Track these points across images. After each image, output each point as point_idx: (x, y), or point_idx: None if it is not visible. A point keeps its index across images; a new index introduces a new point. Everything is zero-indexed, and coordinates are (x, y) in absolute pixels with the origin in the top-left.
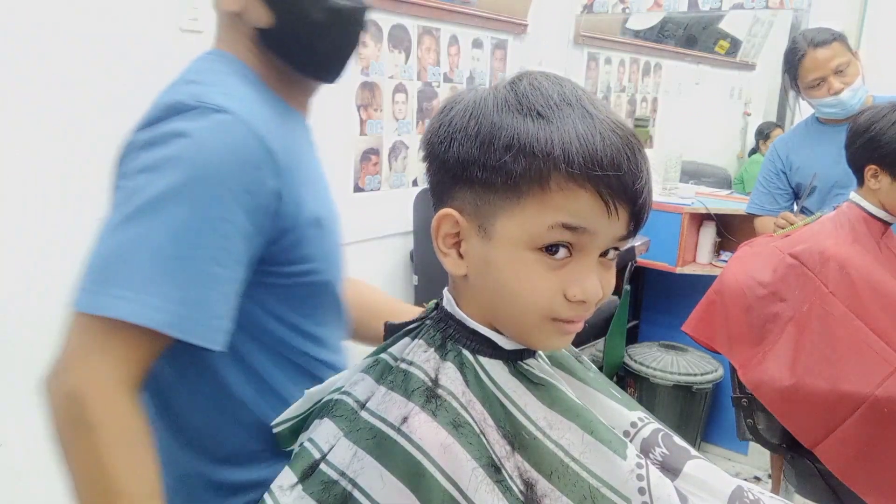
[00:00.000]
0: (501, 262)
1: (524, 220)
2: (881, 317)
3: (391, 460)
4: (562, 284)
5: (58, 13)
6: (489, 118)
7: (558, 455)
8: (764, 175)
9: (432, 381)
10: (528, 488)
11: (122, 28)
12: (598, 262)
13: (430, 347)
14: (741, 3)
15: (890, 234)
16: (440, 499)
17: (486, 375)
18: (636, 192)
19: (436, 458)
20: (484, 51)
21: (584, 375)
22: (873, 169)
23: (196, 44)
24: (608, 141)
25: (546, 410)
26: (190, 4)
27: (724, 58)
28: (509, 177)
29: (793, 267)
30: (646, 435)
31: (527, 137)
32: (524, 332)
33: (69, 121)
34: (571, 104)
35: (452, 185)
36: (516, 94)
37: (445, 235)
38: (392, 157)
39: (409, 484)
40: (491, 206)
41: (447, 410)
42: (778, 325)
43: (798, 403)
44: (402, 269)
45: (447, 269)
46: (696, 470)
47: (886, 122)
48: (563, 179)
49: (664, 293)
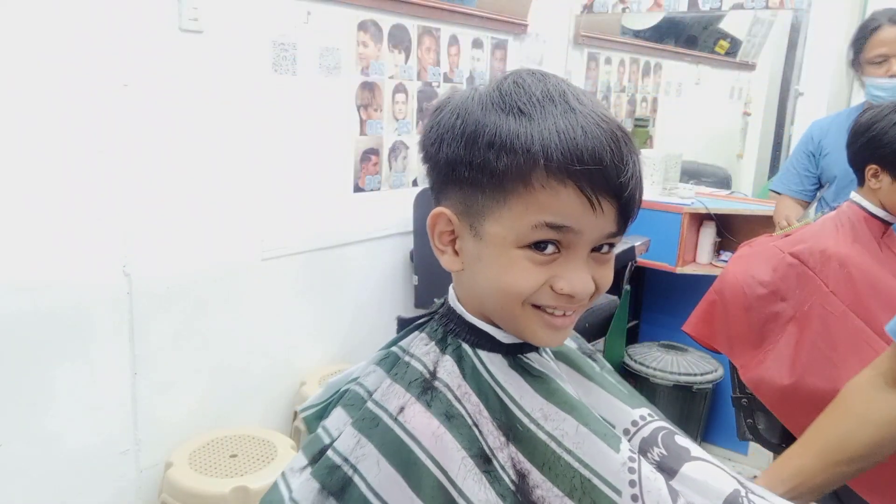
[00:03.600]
0: (490, 259)
1: (511, 221)
2: (882, 316)
3: (387, 448)
4: (549, 278)
5: (58, 13)
6: (473, 117)
7: (551, 446)
8: (795, 155)
9: (430, 373)
10: (521, 478)
11: (123, 28)
12: (590, 258)
13: (431, 341)
14: (741, 3)
15: (890, 233)
16: (430, 485)
17: (483, 368)
18: (620, 186)
19: (427, 446)
20: (484, 51)
21: (589, 371)
22: (874, 169)
23: (196, 44)
24: (590, 135)
25: (542, 402)
26: (190, 4)
27: (724, 58)
28: (493, 175)
29: (793, 266)
30: (646, 434)
31: (507, 134)
32: (512, 323)
33: (69, 121)
34: (554, 100)
35: (445, 185)
36: (500, 93)
37: (441, 233)
38: (392, 157)
39: (401, 471)
40: (479, 207)
41: (441, 402)
42: (778, 324)
43: (798, 403)
44: (402, 269)
45: (444, 266)
46: (693, 471)
47: (887, 122)
48: (544, 176)
49: (664, 293)
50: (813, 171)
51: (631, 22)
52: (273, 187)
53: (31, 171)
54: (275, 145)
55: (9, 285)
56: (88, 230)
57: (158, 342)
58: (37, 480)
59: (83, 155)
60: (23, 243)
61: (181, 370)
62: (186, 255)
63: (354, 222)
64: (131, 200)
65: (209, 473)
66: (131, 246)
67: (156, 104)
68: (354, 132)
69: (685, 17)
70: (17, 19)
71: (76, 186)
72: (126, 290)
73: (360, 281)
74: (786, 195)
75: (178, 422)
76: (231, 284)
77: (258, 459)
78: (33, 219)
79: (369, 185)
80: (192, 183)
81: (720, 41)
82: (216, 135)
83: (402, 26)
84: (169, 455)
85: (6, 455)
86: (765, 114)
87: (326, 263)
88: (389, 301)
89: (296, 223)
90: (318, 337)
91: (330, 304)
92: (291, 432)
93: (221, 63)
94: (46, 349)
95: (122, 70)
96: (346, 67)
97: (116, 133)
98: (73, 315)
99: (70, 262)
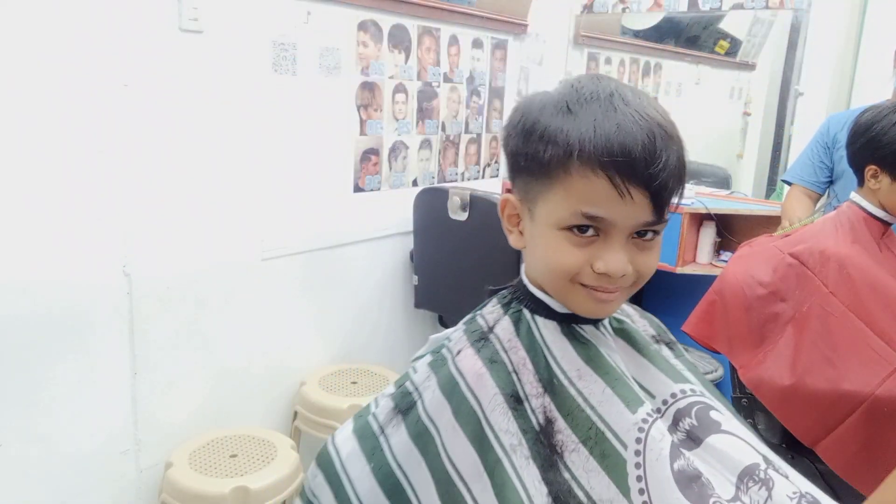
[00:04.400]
0: (541, 239)
1: (555, 205)
2: (881, 316)
3: (443, 381)
4: (589, 258)
5: (58, 13)
6: (532, 116)
7: (577, 401)
8: (810, 146)
9: (489, 328)
10: (548, 423)
11: (123, 28)
12: (631, 243)
13: (499, 304)
14: (741, 3)
15: (890, 234)
16: (466, 411)
17: (537, 331)
18: (650, 177)
19: (470, 382)
20: (484, 51)
21: (644, 349)
22: (873, 169)
23: (196, 44)
24: (623, 130)
25: (581, 364)
26: (190, 4)
27: (724, 58)
28: (541, 164)
29: (793, 267)
30: (682, 406)
31: (554, 129)
32: (562, 295)
33: (69, 121)
34: (600, 99)
35: (512, 175)
36: (557, 94)
37: (509, 216)
38: (392, 157)
39: (448, 398)
40: (534, 192)
41: (489, 350)
42: (778, 324)
43: (798, 403)
44: (402, 269)
45: (511, 245)
46: (717, 442)
47: (887, 122)
48: (579, 165)
49: (664, 293)
50: (826, 162)
51: (631, 22)
52: (273, 187)
53: (32, 171)
54: (275, 145)
55: (9, 285)
56: (88, 230)
57: (158, 342)
58: (37, 481)
59: (83, 155)
60: (23, 243)
61: (181, 370)
62: (186, 255)
63: (354, 222)
64: (131, 200)
65: (209, 473)
66: (131, 246)
67: (156, 104)
68: (354, 132)
69: (685, 17)
70: (17, 19)
71: (76, 186)
72: (126, 290)
73: (360, 281)
74: (797, 185)
75: (178, 422)
76: (231, 284)
77: (258, 459)
78: (33, 219)
79: (369, 185)
80: (192, 183)
81: (720, 41)
82: (216, 135)
83: (402, 26)
84: (169, 455)
85: (6, 455)
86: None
87: (326, 263)
88: (389, 301)
89: (296, 223)
90: (318, 337)
91: (330, 305)
92: (291, 432)
93: (221, 63)
94: (46, 349)
95: (122, 70)
96: (346, 67)
97: (116, 133)
98: (73, 315)
99: (70, 262)
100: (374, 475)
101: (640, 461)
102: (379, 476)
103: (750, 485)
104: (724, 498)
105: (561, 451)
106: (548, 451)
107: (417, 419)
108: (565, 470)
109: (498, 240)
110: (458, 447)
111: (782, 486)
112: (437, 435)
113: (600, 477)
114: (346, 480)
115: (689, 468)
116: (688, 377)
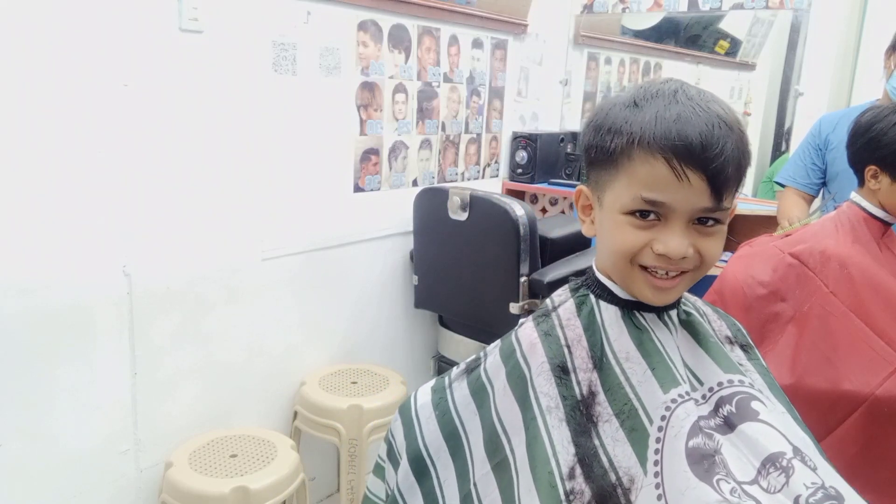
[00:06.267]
0: (606, 223)
1: (620, 191)
2: (882, 316)
3: (503, 347)
4: (649, 240)
5: (58, 13)
6: (604, 112)
7: (619, 379)
8: (802, 147)
9: (553, 307)
10: (591, 396)
11: (123, 28)
12: (693, 228)
13: (567, 289)
14: (741, 3)
15: (890, 234)
16: (517, 375)
17: (598, 314)
18: (706, 160)
19: (525, 349)
20: (484, 51)
21: (704, 340)
22: (873, 169)
23: (196, 44)
24: (683, 119)
25: (631, 347)
26: (190, 4)
27: (724, 58)
28: (608, 153)
29: (793, 266)
30: (725, 394)
31: (621, 122)
32: (624, 279)
33: (69, 121)
34: (664, 95)
35: (587, 168)
36: (629, 93)
37: (582, 207)
38: (392, 157)
39: (504, 361)
40: (602, 182)
41: (546, 324)
42: (778, 324)
43: (798, 403)
44: (402, 269)
45: (584, 233)
46: (750, 429)
47: (887, 122)
48: (640, 151)
49: None
50: (818, 163)
51: (631, 22)
52: (273, 187)
53: (32, 171)
54: (275, 145)
55: (9, 285)
56: (88, 230)
57: (158, 342)
58: (37, 480)
59: (83, 155)
60: (23, 243)
61: (181, 370)
62: (186, 256)
63: (354, 222)
64: (131, 200)
65: (209, 473)
66: (131, 246)
67: (156, 104)
68: (354, 132)
69: (685, 17)
70: (17, 19)
71: (76, 186)
72: (126, 290)
73: (360, 281)
74: (790, 188)
75: (178, 421)
76: (231, 284)
77: (258, 459)
78: (34, 219)
79: (369, 185)
80: (192, 183)
81: (720, 41)
82: (216, 135)
83: (402, 26)
84: (169, 455)
85: (6, 455)
86: (765, 114)
87: (326, 263)
88: (389, 301)
89: (296, 223)
90: (317, 337)
91: (330, 305)
92: (291, 432)
93: (221, 63)
94: (46, 349)
95: (122, 70)
96: (346, 67)
97: (116, 133)
98: (74, 315)
99: (70, 263)
100: (438, 420)
101: (661, 436)
102: (441, 421)
103: (771, 471)
104: (740, 480)
105: (596, 421)
106: (584, 419)
107: (478, 377)
108: (595, 437)
109: (498, 240)
110: (507, 404)
111: (802, 475)
112: (491, 392)
113: (625, 447)
114: (416, 423)
115: (705, 447)
116: (740, 370)
